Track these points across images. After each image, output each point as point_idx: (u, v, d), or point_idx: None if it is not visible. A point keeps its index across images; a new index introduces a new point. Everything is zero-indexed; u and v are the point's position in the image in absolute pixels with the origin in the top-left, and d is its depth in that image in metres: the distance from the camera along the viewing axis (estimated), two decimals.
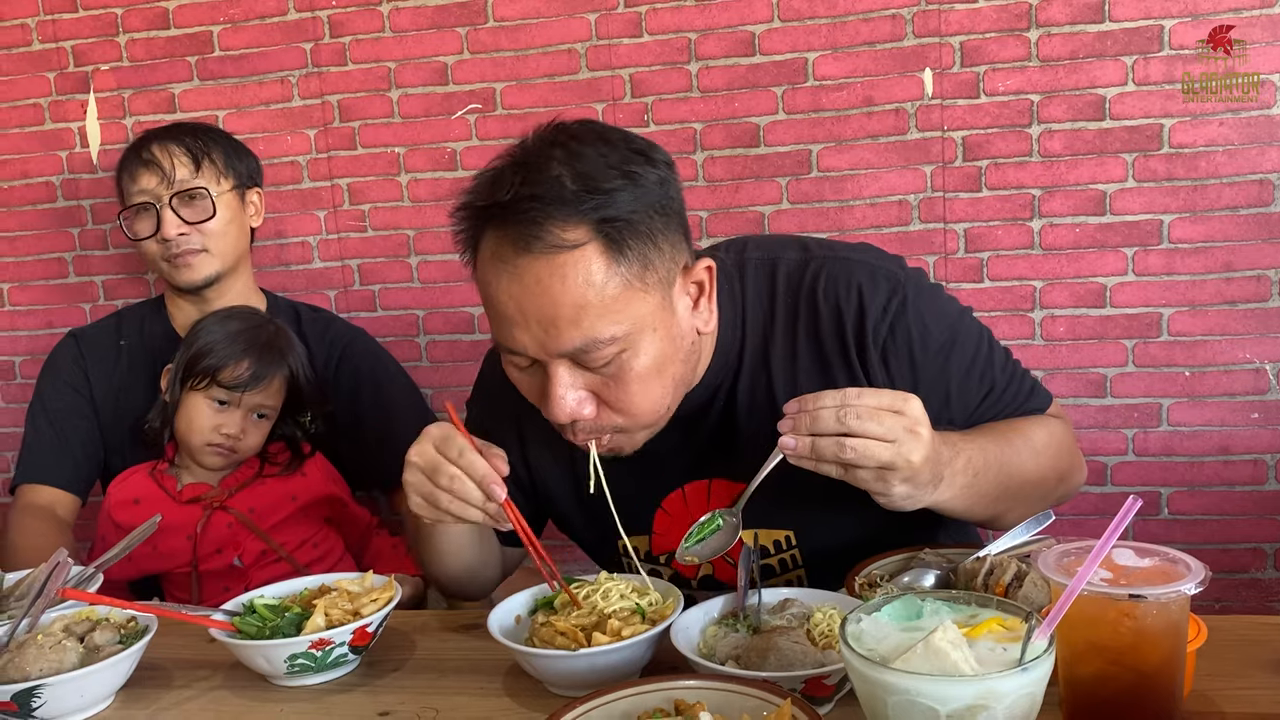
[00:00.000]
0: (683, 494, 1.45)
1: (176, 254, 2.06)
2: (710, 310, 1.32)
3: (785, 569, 1.47)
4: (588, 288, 1.16)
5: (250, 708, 1.25)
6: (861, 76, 2.25)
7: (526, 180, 1.17)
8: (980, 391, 1.42)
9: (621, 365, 1.22)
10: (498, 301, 1.21)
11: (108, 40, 2.53)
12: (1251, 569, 2.28)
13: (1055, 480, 1.44)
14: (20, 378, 2.70)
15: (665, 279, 1.23)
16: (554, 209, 1.15)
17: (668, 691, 1.03)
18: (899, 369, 1.35)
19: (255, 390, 1.93)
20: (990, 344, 1.45)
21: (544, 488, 1.53)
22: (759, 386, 1.39)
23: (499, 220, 1.19)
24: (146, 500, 1.94)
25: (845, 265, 1.38)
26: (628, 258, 1.18)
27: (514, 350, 1.24)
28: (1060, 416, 1.51)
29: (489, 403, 1.55)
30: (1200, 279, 2.20)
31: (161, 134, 2.11)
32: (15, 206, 2.65)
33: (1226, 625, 1.17)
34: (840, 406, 1.13)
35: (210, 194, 2.08)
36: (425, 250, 2.50)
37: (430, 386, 2.51)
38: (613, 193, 1.17)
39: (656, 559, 1.50)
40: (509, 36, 2.37)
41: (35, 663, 1.21)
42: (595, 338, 1.18)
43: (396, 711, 1.21)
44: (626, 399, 1.24)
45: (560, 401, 1.23)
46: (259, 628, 1.30)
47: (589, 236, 1.16)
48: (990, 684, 0.82)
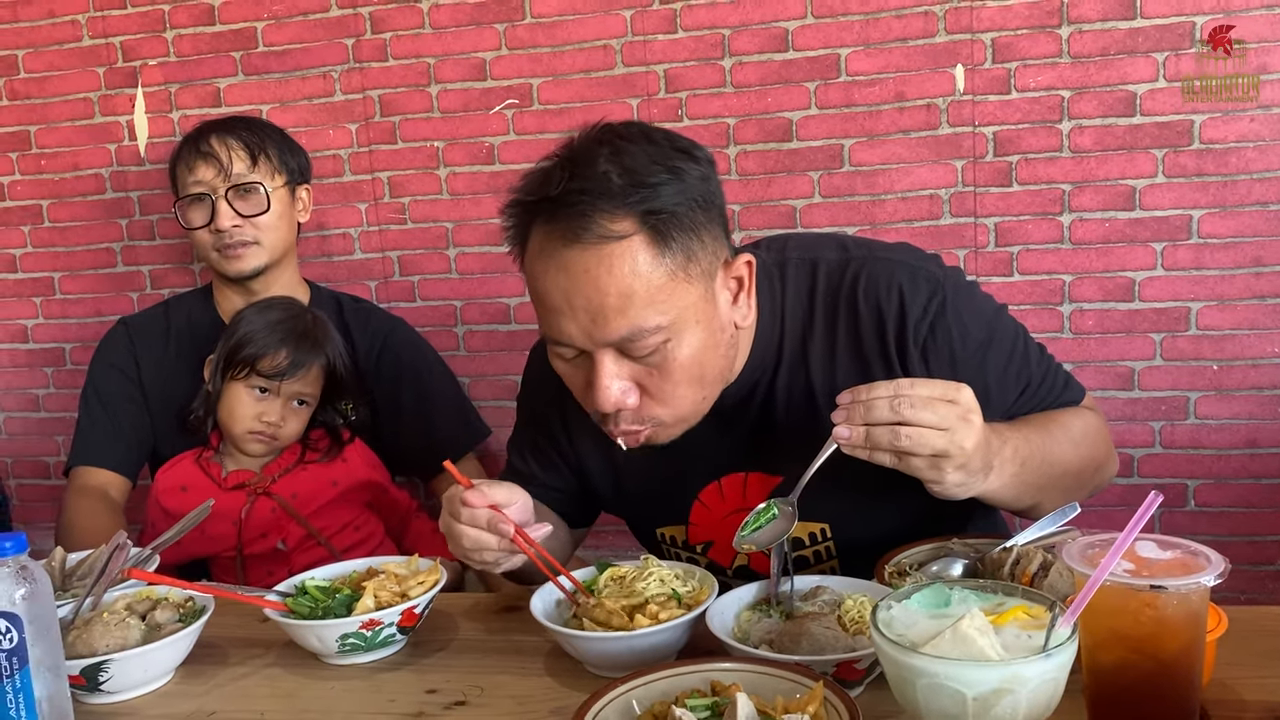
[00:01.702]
0: (719, 486, 1.48)
1: (228, 245, 2.11)
2: (749, 305, 1.35)
3: (820, 560, 1.49)
4: (634, 277, 1.20)
5: (303, 684, 1.30)
6: (894, 72, 2.27)
7: (575, 176, 1.21)
8: (1018, 387, 1.45)
9: (665, 356, 1.25)
10: (546, 293, 1.25)
11: (155, 36, 2.58)
12: (1277, 561, 2.30)
13: (1092, 470, 1.46)
14: (70, 364, 2.78)
15: (708, 271, 1.27)
16: (601, 202, 1.19)
17: (705, 673, 1.07)
18: (939, 367, 1.37)
19: (294, 378, 1.98)
20: (1026, 340, 1.48)
21: (588, 477, 1.57)
22: (797, 383, 1.42)
23: (548, 214, 1.23)
24: (193, 487, 1.99)
25: (886, 265, 1.40)
26: (672, 249, 1.22)
27: (561, 341, 1.27)
28: (1094, 409, 1.54)
29: (531, 395, 1.61)
30: (1229, 274, 2.21)
31: (219, 127, 2.16)
32: (66, 198, 2.72)
33: (1248, 616, 1.19)
34: (894, 396, 1.15)
35: (265, 189, 2.13)
36: (463, 242, 2.54)
37: (467, 375, 2.56)
38: (657, 187, 1.21)
39: (694, 548, 1.54)
40: (546, 33, 2.40)
41: (102, 639, 1.26)
42: (641, 326, 1.22)
43: (442, 690, 1.25)
44: (670, 389, 1.28)
45: (605, 391, 1.26)
46: (311, 608, 1.35)
47: (635, 228, 1.20)
48: (1015, 669, 0.85)
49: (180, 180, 2.14)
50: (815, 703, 0.98)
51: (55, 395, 2.81)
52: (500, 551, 1.30)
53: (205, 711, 1.25)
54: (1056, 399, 1.49)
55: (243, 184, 2.11)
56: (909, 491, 1.25)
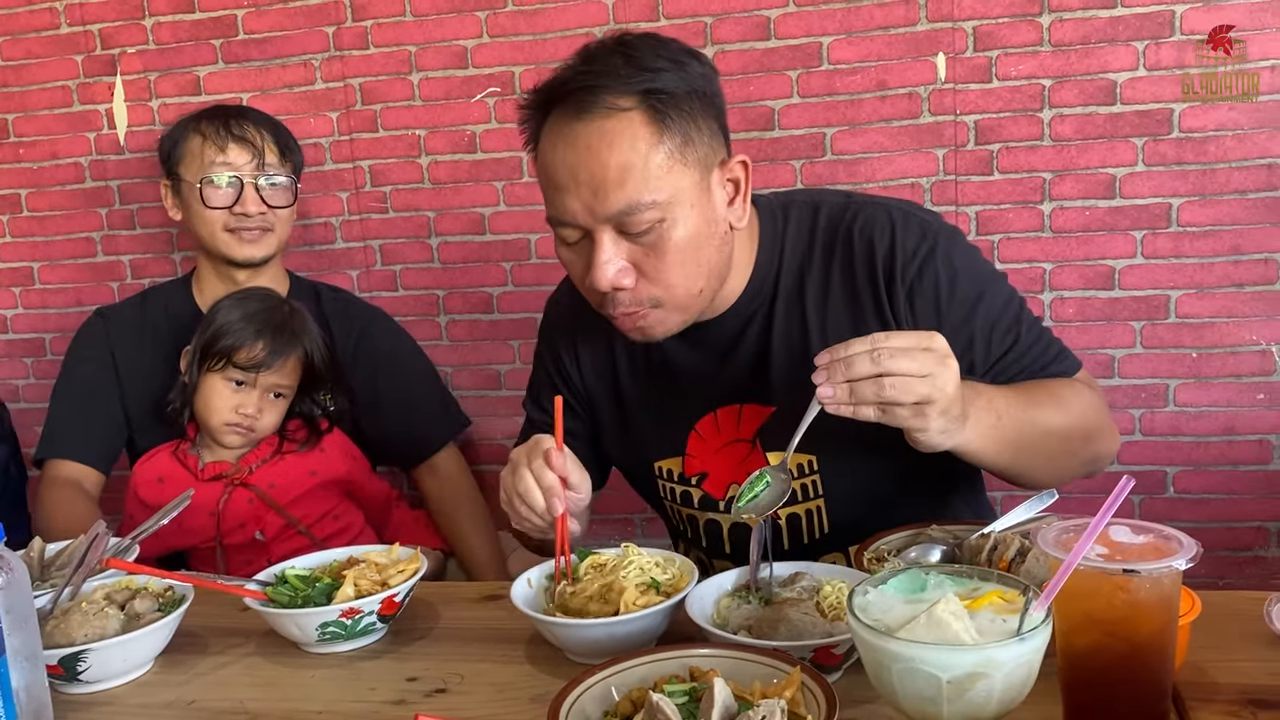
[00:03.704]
0: (715, 418, 1.52)
1: (248, 229, 2.13)
2: (744, 208, 1.41)
3: (806, 496, 1.51)
4: (633, 152, 1.28)
5: (283, 673, 1.30)
6: (875, 61, 2.27)
7: (587, 67, 1.32)
8: (1003, 345, 1.45)
9: (661, 235, 1.31)
10: (554, 170, 1.33)
11: (134, 23, 2.57)
12: (1255, 547, 2.32)
13: (1081, 440, 1.45)
14: (50, 354, 2.76)
15: (704, 161, 1.34)
16: (607, 81, 1.29)
17: (683, 659, 1.07)
18: (924, 311, 1.41)
19: (271, 370, 1.97)
20: (1021, 307, 1.49)
21: (597, 412, 1.62)
22: (793, 315, 1.47)
23: (560, 98, 1.32)
24: (170, 479, 1.98)
25: (884, 208, 1.47)
26: (670, 130, 1.30)
27: (564, 220, 1.34)
28: (1089, 384, 1.52)
29: (550, 340, 1.68)
30: (1208, 262, 2.22)
31: (245, 114, 2.20)
32: (45, 187, 2.70)
33: (1222, 600, 1.20)
34: (872, 350, 1.17)
35: (293, 183, 2.20)
36: (445, 231, 2.54)
37: (450, 365, 2.56)
38: (659, 72, 1.31)
39: (689, 480, 1.56)
40: (528, 21, 2.40)
41: (80, 629, 1.26)
42: (638, 200, 1.28)
43: (423, 678, 1.25)
44: (665, 269, 1.34)
45: (603, 268, 1.32)
46: (291, 597, 1.35)
47: (635, 105, 1.29)
48: (989, 653, 0.86)
49: (202, 158, 2.13)
50: (792, 688, 0.98)
51: (35, 385, 2.79)
52: (533, 516, 1.33)
53: (185, 701, 1.25)
54: (1045, 367, 1.48)
55: (275, 174, 2.16)
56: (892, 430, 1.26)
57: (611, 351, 1.59)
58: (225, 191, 2.12)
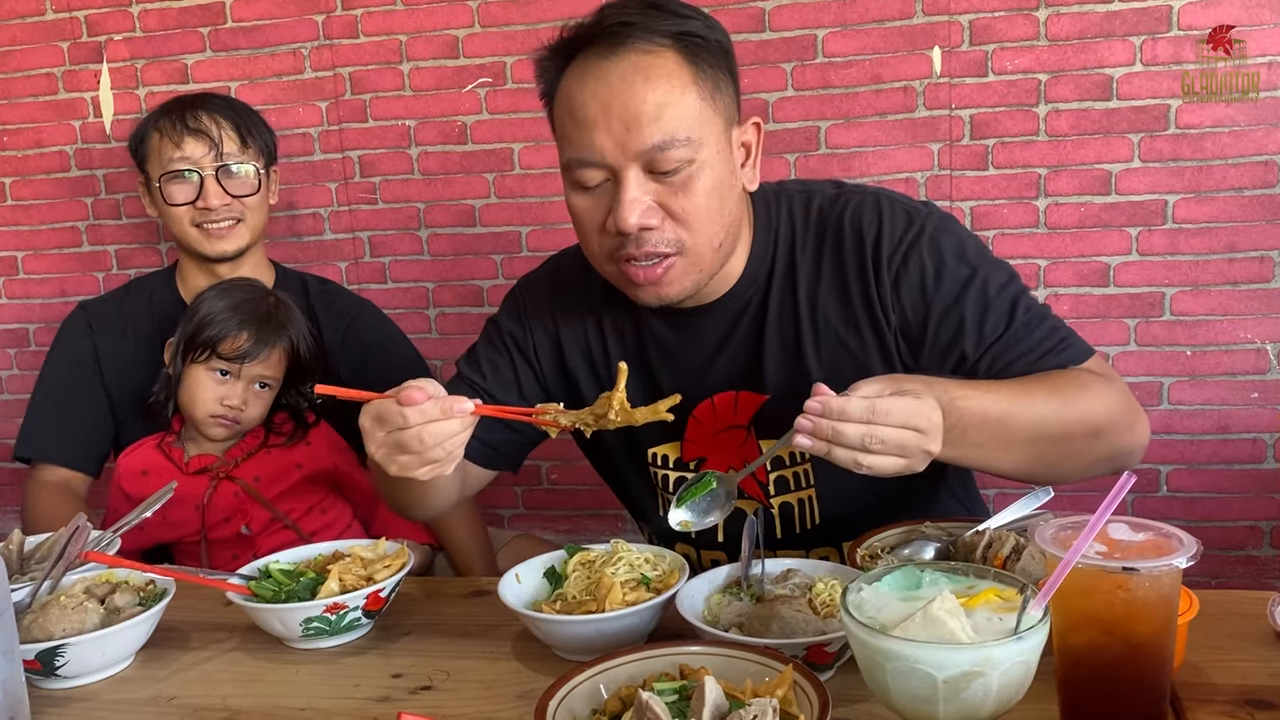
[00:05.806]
0: (712, 404, 1.51)
1: (214, 223, 2.09)
2: (755, 172, 1.42)
3: (798, 485, 1.51)
4: (669, 89, 1.28)
5: (266, 669, 1.28)
6: (870, 54, 2.26)
7: (615, 13, 1.32)
8: (996, 330, 1.40)
9: (690, 176, 1.31)
10: (583, 106, 1.30)
11: (120, 10, 2.54)
12: (1248, 546, 2.31)
13: (1086, 435, 1.36)
14: (34, 345, 2.73)
15: (728, 113, 1.35)
16: (638, 20, 1.30)
17: (673, 656, 1.06)
18: (910, 297, 1.41)
19: (256, 361, 1.95)
20: (1019, 291, 1.43)
21: (574, 394, 1.57)
22: (785, 304, 1.46)
23: (587, 41, 1.32)
24: (154, 471, 1.96)
25: (874, 197, 1.47)
26: (703, 72, 1.31)
27: (590, 160, 1.31)
28: (1102, 373, 1.43)
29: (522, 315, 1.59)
30: (1203, 259, 2.21)
31: (201, 103, 2.13)
32: (29, 175, 2.67)
33: (1219, 599, 1.19)
34: (867, 429, 1.13)
35: (257, 170, 2.13)
36: (435, 223, 2.51)
37: (439, 358, 2.54)
38: (688, 18, 1.32)
39: (686, 465, 1.55)
40: (519, 10, 2.37)
41: (58, 623, 1.24)
42: (673, 136, 1.28)
43: (408, 674, 1.24)
44: (691, 210, 1.32)
45: (630, 205, 1.29)
46: (275, 592, 1.33)
47: (669, 45, 1.30)
48: (986, 652, 0.84)
49: (160, 155, 2.10)
50: (784, 686, 0.96)
51: (19, 377, 2.76)
52: (467, 433, 1.21)
53: (165, 696, 1.23)
54: (1048, 353, 1.41)
55: (234, 162, 2.10)
56: None
57: (601, 334, 1.55)
58: (185, 186, 2.08)
